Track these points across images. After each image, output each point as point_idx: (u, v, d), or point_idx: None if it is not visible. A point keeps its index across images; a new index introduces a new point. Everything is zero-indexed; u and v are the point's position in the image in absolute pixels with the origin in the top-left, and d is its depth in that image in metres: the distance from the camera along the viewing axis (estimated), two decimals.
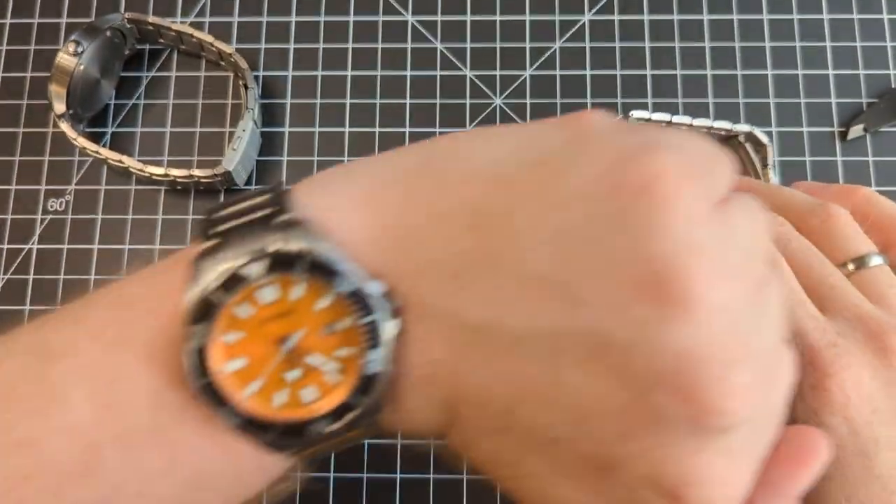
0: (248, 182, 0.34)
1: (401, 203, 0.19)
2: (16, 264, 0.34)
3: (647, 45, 0.36)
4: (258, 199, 0.19)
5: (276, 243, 0.18)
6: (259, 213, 0.19)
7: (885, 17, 0.35)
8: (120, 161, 0.33)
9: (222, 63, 0.35)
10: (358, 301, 0.18)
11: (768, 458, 0.19)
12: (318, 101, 0.35)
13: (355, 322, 0.18)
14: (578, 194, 0.18)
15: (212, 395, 0.18)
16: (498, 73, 0.35)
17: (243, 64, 0.34)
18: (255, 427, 0.18)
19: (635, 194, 0.17)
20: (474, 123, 0.35)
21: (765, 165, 0.33)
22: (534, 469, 0.19)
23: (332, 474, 0.31)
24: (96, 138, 0.35)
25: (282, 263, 0.18)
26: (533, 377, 0.17)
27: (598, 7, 0.36)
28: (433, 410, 0.19)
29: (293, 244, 0.18)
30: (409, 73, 0.36)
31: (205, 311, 0.18)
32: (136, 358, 0.18)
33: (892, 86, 0.35)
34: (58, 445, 0.18)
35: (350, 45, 0.36)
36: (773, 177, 0.33)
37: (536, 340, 0.17)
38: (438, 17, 0.36)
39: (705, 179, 0.18)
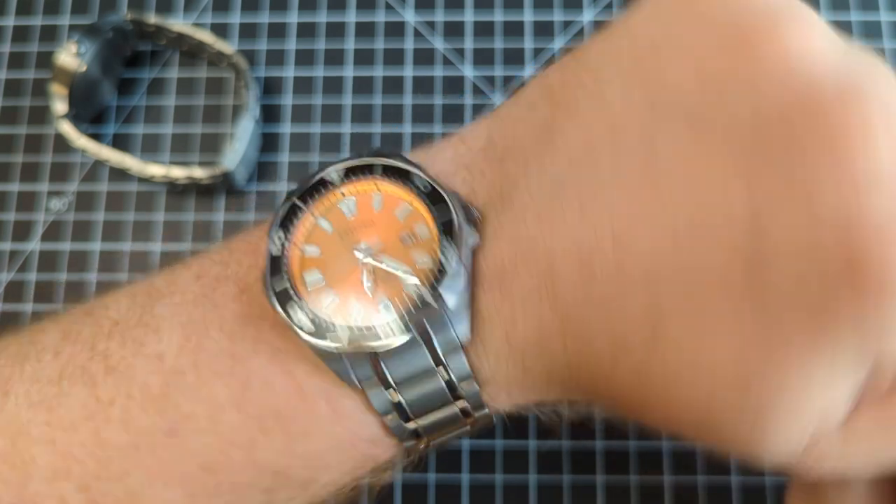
0: (248, 182, 0.35)
1: (489, 122, 0.20)
2: (18, 265, 0.34)
3: None
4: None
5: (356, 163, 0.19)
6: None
7: (884, 17, 0.35)
8: (121, 162, 0.33)
9: (223, 63, 0.36)
10: (434, 200, 0.18)
11: None
12: (319, 101, 0.36)
13: (431, 225, 0.18)
14: (635, 24, 0.20)
15: (286, 299, 0.18)
16: (498, 73, 0.36)
17: (243, 65, 0.34)
18: (324, 332, 0.17)
19: None
20: None
21: None
22: (667, 304, 0.17)
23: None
24: (98, 139, 0.35)
25: (357, 169, 0.19)
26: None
27: (598, 7, 0.36)
28: (529, 316, 0.18)
29: (368, 160, 0.19)
30: (409, 73, 0.36)
31: (288, 216, 0.19)
32: (228, 292, 0.19)
33: None
34: (143, 372, 0.18)
35: (350, 46, 0.36)
36: None
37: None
38: (438, 17, 0.36)
39: None
